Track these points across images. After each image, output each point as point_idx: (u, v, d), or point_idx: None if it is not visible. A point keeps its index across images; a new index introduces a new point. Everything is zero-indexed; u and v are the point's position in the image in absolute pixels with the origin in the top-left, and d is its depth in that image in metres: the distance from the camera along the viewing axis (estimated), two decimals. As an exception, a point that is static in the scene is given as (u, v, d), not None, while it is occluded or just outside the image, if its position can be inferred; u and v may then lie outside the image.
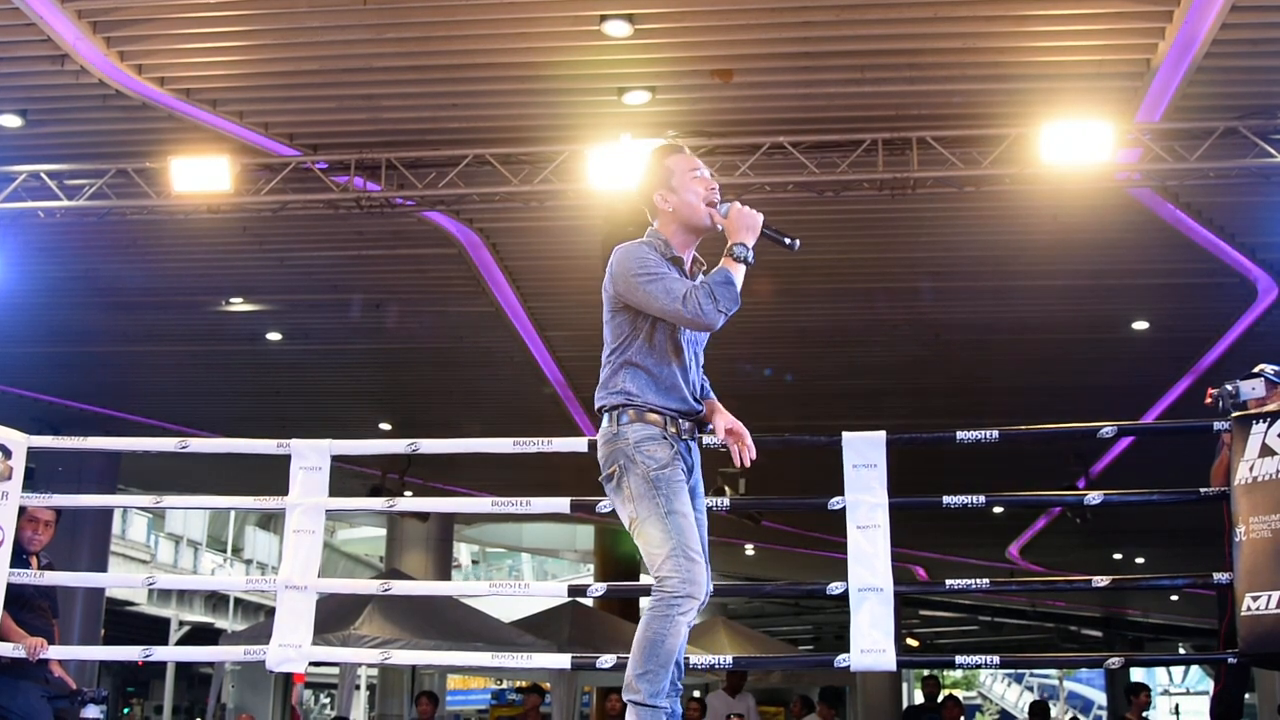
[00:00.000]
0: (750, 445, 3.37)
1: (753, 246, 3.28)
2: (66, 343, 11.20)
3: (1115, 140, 7.02)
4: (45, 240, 8.75)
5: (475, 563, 36.13)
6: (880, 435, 4.85)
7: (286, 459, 5.07)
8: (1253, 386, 4.97)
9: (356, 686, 20.96)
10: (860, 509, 4.79)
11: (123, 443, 8.82)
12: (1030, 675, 41.70)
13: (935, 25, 6.52)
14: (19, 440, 5.14)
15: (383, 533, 20.68)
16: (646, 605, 3.13)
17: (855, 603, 4.70)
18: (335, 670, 17.48)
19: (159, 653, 7.40)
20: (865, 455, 4.83)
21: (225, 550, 30.85)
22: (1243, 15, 6.16)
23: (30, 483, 5.17)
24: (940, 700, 13.13)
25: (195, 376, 12.36)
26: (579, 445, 4.90)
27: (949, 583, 5.60)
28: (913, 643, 29.23)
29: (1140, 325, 10.40)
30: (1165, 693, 34.22)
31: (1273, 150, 7.04)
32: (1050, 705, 20.78)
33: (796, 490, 6.17)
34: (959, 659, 5.48)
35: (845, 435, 4.85)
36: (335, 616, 10.23)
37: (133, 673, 28.53)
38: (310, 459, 5.05)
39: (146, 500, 10.43)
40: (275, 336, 11.17)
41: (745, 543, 20.11)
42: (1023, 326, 10.44)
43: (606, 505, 3.98)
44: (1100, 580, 5.15)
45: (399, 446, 5.39)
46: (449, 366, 12.05)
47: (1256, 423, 4.64)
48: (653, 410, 3.26)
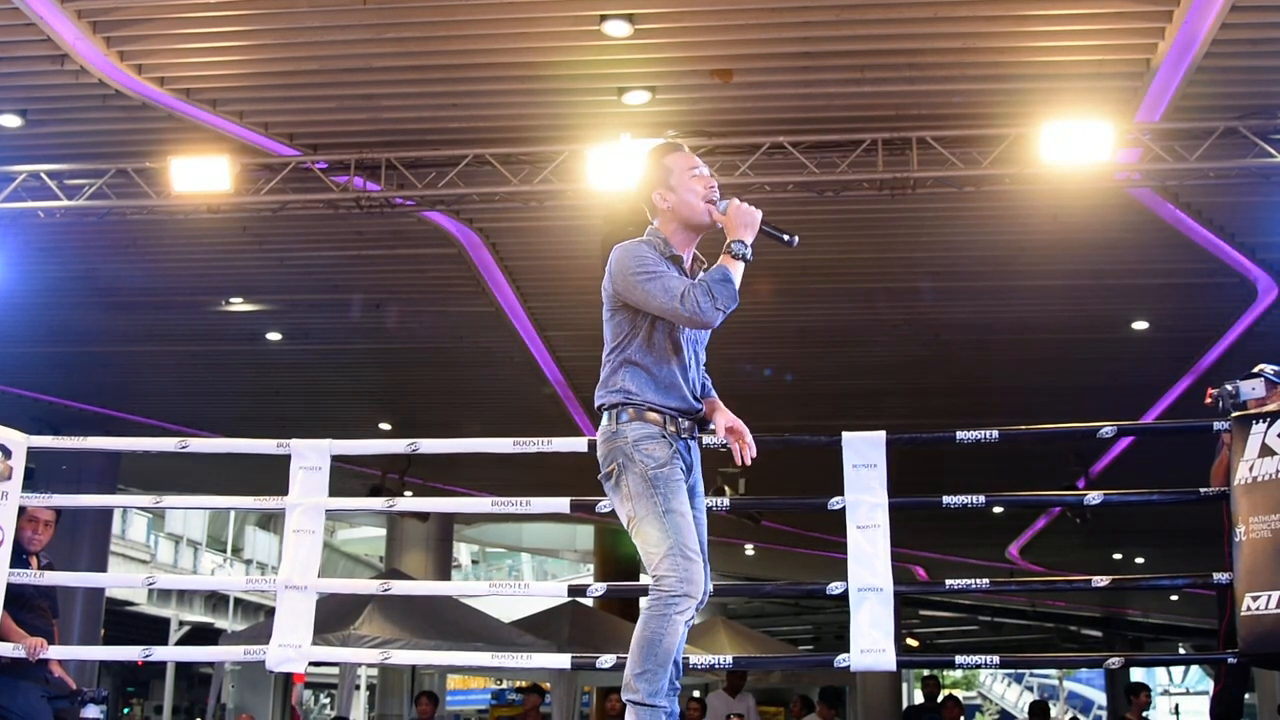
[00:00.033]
0: (751, 444, 3.36)
1: (751, 243, 3.27)
2: (66, 343, 11.20)
3: (1115, 140, 7.02)
4: (45, 240, 8.75)
5: (475, 563, 36.12)
6: (880, 435, 4.85)
7: (286, 459, 5.07)
8: (1253, 386, 4.97)
9: (356, 686, 20.99)
10: (860, 509, 4.79)
11: (123, 443, 8.82)
12: (1030, 675, 41.70)
13: (935, 25, 6.52)
14: (19, 440, 5.14)
15: (383, 533, 20.68)
16: (644, 604, 3.12)
17: (855, 603, 4.70)
18: (335, 670, 17.48)
19: (159, 653, 7.40)
20: (865, 455, 4.83)
21: (225, 550, 30.84)
22: (1243, 15, 6.16)
23: (30, 483, 5.17)
24: (940, 700, 13.13)
25: (195, 376, 12.36)
26: (579, 445, 4.90)
27: (949, 583, 5.61)
28: (913, 643, 29.22)
29: (1140, 325, 10.40)
30: (1165, 693, 34.22)
31: (1273, 150, 7.04)
32: (1050, 705, 20.79)
33: (796, 490, 6.16)
34: (959, 659, 5.49)
35: (845, 435, 4.86)
36: (335, 616, 10.23)
37: (133, 673, 28.52)
38: (310, 459, 5.05)
39: (146, 500, 10.43)
40: (275, 336, 11.17)
41: (745, 543, 20.10)
42: (1023, 326, 10.44)
43: (606, 505, 3.98)
44: (1100, 580, 5.15)
45: (399, 446, 5.39)
46: (449, 366, 12.05)
47: (1256, 423, 4.64)
48: (652, 409, 3.25)
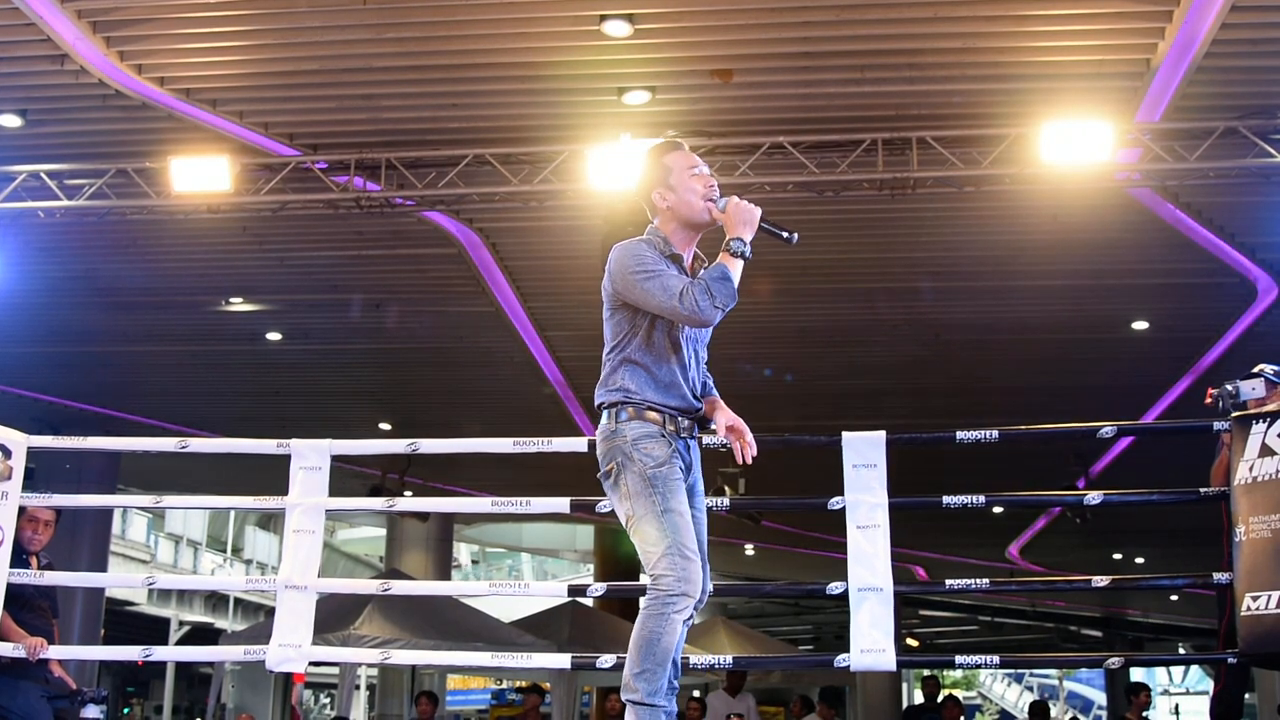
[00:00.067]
0: (751, 442, 3.36)
1: (750, 241, 3.27)
2: (66, 343, 11.20)
3: (1115, 140, 7.02)
4: (45, 240, 8.75)
5: (475, 563, 36.12)
6: (880, 435, 4.85)
7: (286, 459, 5.07)
8: (1253, 386, 4.97)
9: (356, 686, 20.98)
10: (860, 509, 4.79)
11: (123, 443, 8.83)
12: (1030, 675, 41.70)
13: (935, 25, 6.52)
14: (19, 440, 5.14)
15: (383, 533, 20.68)
16: (642, 604, 3.12)
17: (855, 603, 4.70)
18: (335, 670, 17.48)
19: (159, 653, 7.40)
20: (865, 455, 4.83)
21: (225, 550, 30.83)
22: (1243, 15, 6.16)
23: (30, 483, 5.17)
24: (940, 700, 13.13)
25: (195, 376, 12.36)
26: (579, 445, 4.90)
27: (949, 583, 5.61)
28: (913, 643, 29.23)
29: (1140, 325, 10.40)
30: (1165, 693, 34.21)
31: (1273, 150, 7.04)
32: (1050, 705, 20.79)
33: (796, 490, 6.17)
34: (959, 659, 5.48)
35: (845, 435, 4.86)
36: (335, 616, 10.23)
37: (133, 673, 28.52)
38: (310, 459, 5.05)
39: (146, 500, 10.44)
40: (275, 336, 11.17)
41: (745, 543, 20.10)
42: (1023, 326, 10.44)
43: (606, 505, 3.98)
44: (1100, 580, 5.15)
45: (399, 446, 5.39)
46: (449, 366, 12.05)
47: (1256, 423, 4.64)
48: (651, 408, 3.25)
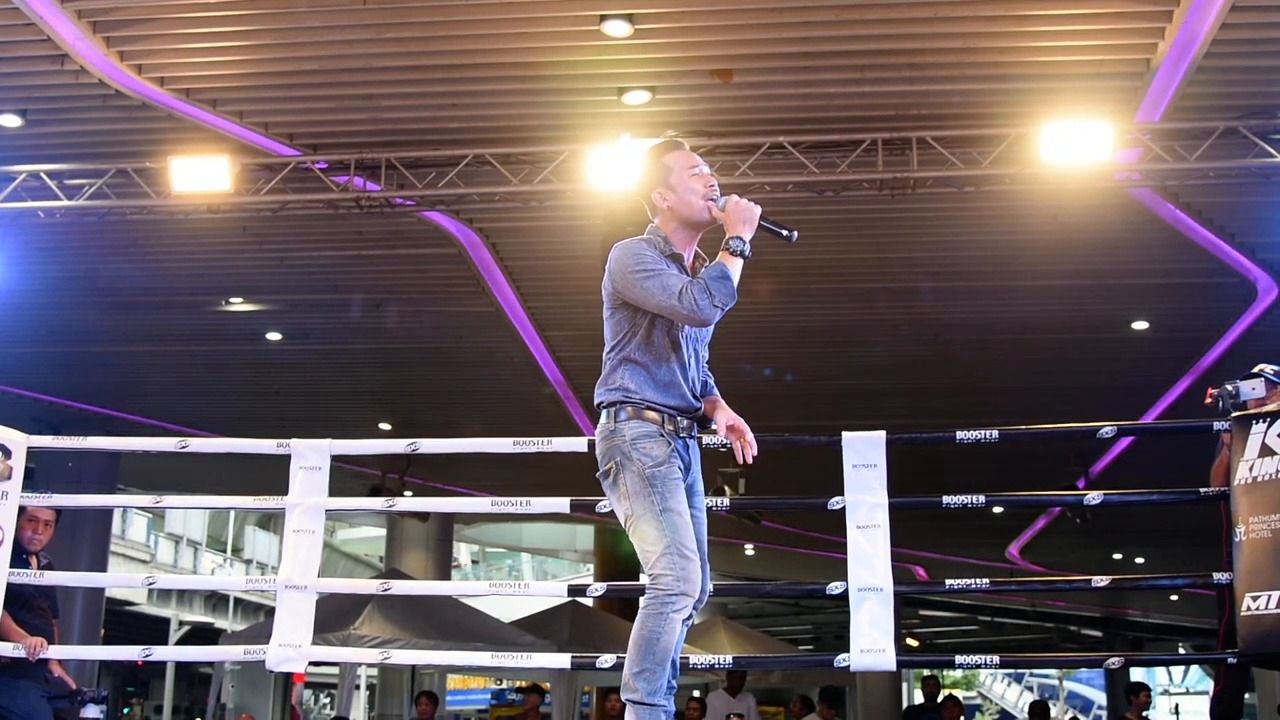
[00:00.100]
0: (752, 442, 3.36)
1: (750, 240, 3.27)
2: (66, 343, 11.20)
3: (1115, 140, 7.02)
4: (45, 240, 8.75)
5: (475, 563, 36.12)
6: (880, 435, 4.85)
7: (286, 459, 5.07)
8: (1253, 386, 4.97)
9: (356, 686, 20.98)
10: (860, 509, 4.79)
11: (123, 443, 8.82)
12: (1030, 675, 41.71)
13: (935, 25, 6.52)
14: (19, 440, 5.14)
15: (383, 533, 20.68)
16: (642, 603, 3.12)
17: (855, 603, 4.70)
18: (335, 670, 17.48)
19: (159, 653, 7.40)
20: (865, 455, 4.83)
21: (225, 550, 30.83)
22: (1243, 15, 6.16)
23: (30, 483, 5.17)
24: (940, 700, 13.13)
25: (195, 376, 12.36)
26: (579, 445, 4.90)
27: (949, 583, 5.61)
28: (913, 643, 29.23)
29: (1140, 325, 10.40)
30: (1165, 693, 34.22)
31: (1273, 150, 7.04)
32: (1050, 705, 20.79)
33: (796, 490, 6.17)
34: (959, 659, 5.46)
35: (845, 435, 4.86)
36: (335, 616, 10.23)
37: (133, 673, 28.53)
38: (310, 459, 5.05)
39: (146, 500, 10.44)
40: (275, 336, 11.17)
41: (745, 543, 20.10)
42: (1023, 326, 10.44)
43: (606, 505, 3.97)
44: (1100, 580, 5.15)
45: (399, 446, 5.39)
46: (449, 366, 12.05)
47: (1256, 423, 4.64)
48: (650, 407, 3.25)
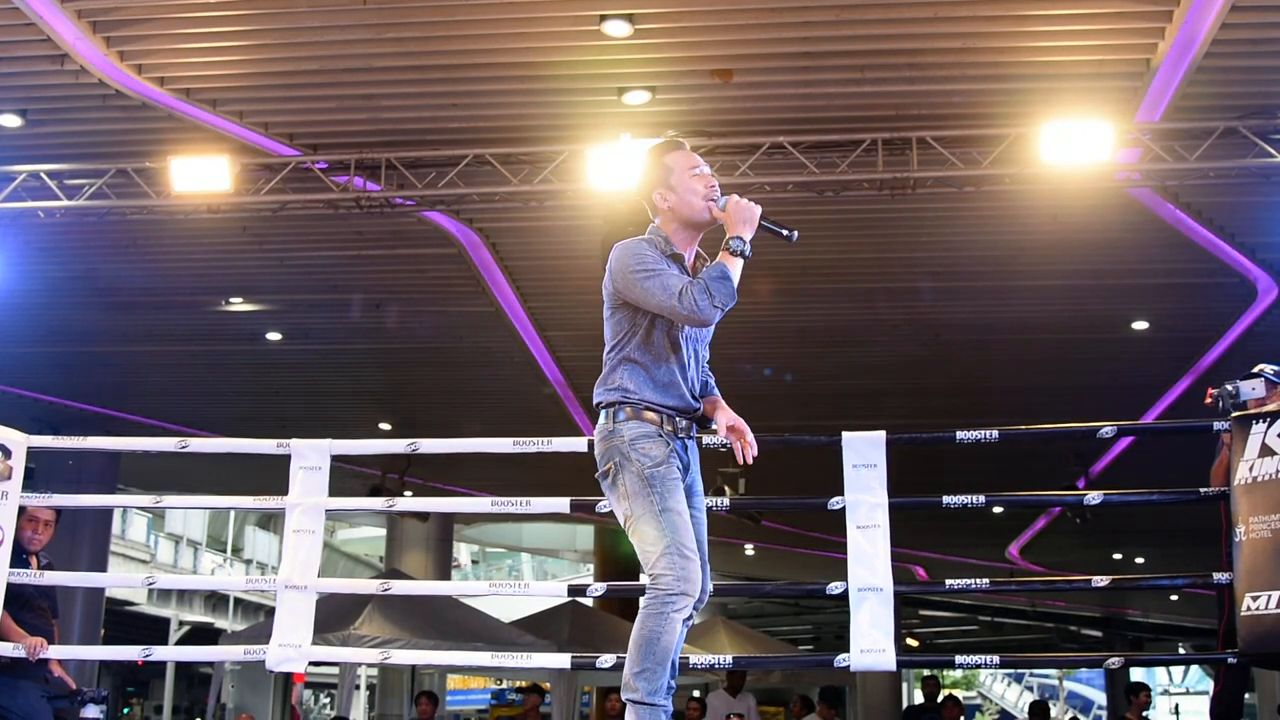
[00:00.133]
0: (752, 442, 3.36)
1: (750, 240, 3.27)
2: (66, 343, 11.20)
3: (1115, 140, 7.02)
4: (45, 240, 8.75)
5: (475, 563, 36.12)
6: (880, 435, 4.85)
7: (286, 459, 5.08)
8: (1253, 386, 4.97)
9: (356, 686, 20.98)
10: (860, 509, 4.79)
11: (123, 443, 8.83)
12: (1030, 675, 41.71)
13: (935, 25, 6.52)
14: (19, 440, 5.14)
15: (383, 533, 20.68)
16: (642, 603, 3.12)
17: (855, 603, 4.70)
18: (335, 670, 17.48)
19: (159, 653, 7.40)
20: (865, 455, 4.83)
21: (225, 550, 30.83)
22: (1243, 15, 6.16)
23: (30, 483, 5.17)
24: (940, 700, 13.13)
25: (195, 376, 12.36)
26: (579, 445, 4.90)
27: (949, 583, 5.60)
28: (913, 643, 29.23)
29: (1140, 325, 10.40)
30: (1165, 693, 34.22)
31: (1273, 150, 7.04)
32: (1050, 705, 20.79)
33: (796, 490, 6.17)
34: (959, 659, 5.46)
35: (845, 435, 4.86)
36: (335, 616, 10.23)
37: (133, 673, 28.52)
38: (310, 459, 5.05)
39: (146, 500, 10.44)
40: (275, 336, 11.17)
41: (745, 543, 20.10)
42: (1023, 326, 10.44)
43: (606, 505, 3.97)
44: (1100, 580, 5.15)
45: (399, 446, 5.39)
46: (449, 366, 12.05)
47: (1256, 423, 4.64)
48: (649, 408, 3.25)
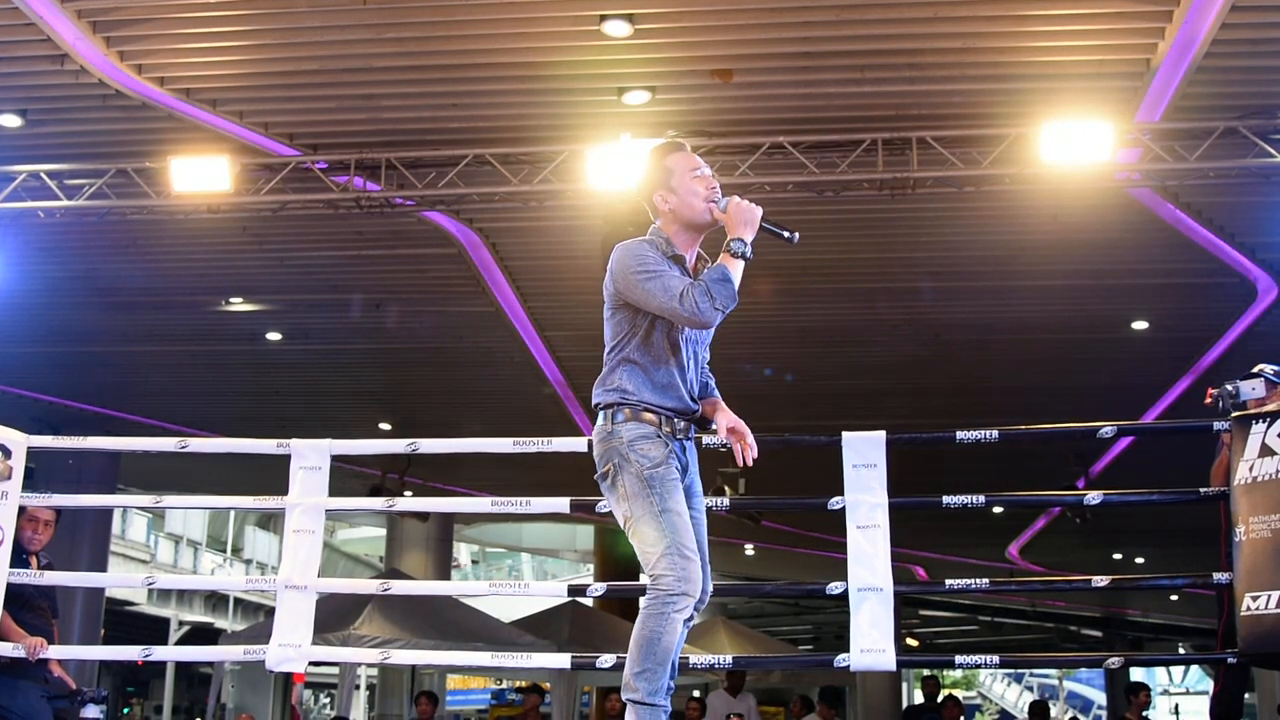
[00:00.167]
0: (752, 444, 3.35)
1: (751, 241, 3.27)
2: (66, 343, 11.20)
3: (1115, 140, 7.02)
4: (45, 240, 8.75)
5: (475, 563, 36.12)
6: (880, 435, 4.85)
7: (286, 459, 5.08)
8: (1253, 386, 4.97)
9: (356, 686, 20.99)
10: (860, 509, 4.79)
11: (123, 443, 8.83)
12: (1030, 675, 41.72)
13: (935, 25, 6.52)
14: (19, 440, 5.14)
15: (383, 533, 20.68)
16: (642, 604, 3.12)
17: (855, 603, 4.70)
18: (335, 670, 17.49)
19: (159, 653, 7.40)
20: (865, 455, 4.84)
21: (225, 550, 30.84)
22: (1243, 15, 6.16)
23: (30, 483, 5.17)
24: (940, 700, 13.13)
25: (195, 376, 12.36)
26: (579, 445, 4.89)
27: (949, 583, 5.61)
28: (913, 643, 29.23)
29: (1140, 325, 10.40)
30: (1165, 693, 34.24)
31: (1273, 150, 7.04)
32: (1050, 705, 20.79)
33: (796, 490, 6.16)
34: (959, 659, 5.47)
35: (845, 435, 4.86)
36: (335, 616, 10.23)
37: (133, 673, 28.52)
38: (310, 459, 5.05)
39: (146, 500, 10.44)
40: (275, 336, 11.17)
41: (745, 543, 20.10)
42: (1023, 326, 10.44)
43: (605, 505, 3.97)
44: (1100, 580, 5.15)
45: (399, 446, 5.39)
46: (449, 366, 12.05)
47: (1256, 423, 4.64)
48: (648, 409, 3.25)
